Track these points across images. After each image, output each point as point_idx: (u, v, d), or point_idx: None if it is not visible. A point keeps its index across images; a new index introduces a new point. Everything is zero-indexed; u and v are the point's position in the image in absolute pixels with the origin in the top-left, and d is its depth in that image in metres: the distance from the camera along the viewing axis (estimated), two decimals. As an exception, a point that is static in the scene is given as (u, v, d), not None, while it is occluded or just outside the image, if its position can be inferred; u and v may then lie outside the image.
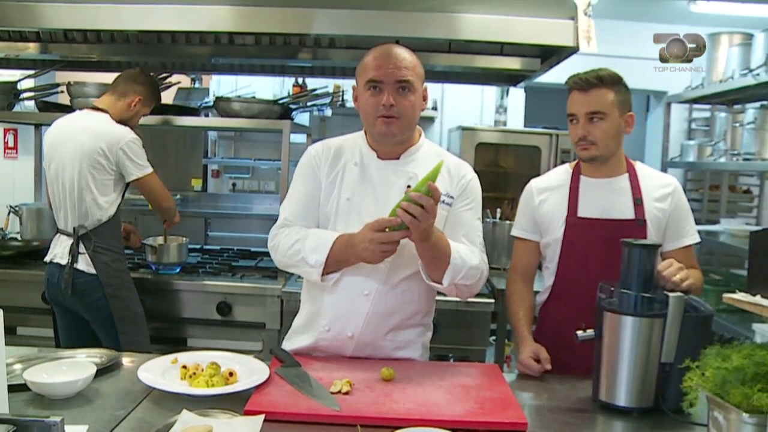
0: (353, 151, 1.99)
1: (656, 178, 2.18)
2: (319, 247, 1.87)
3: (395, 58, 1.86)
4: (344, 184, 1.95)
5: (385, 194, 1.92)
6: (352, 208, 1.93)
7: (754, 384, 1.29)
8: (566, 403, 1.79)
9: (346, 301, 1.92)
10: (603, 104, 2.05)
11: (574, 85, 2.10)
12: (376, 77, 1.85)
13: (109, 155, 2.73)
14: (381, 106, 1.85)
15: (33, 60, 3.62)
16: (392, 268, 1.91)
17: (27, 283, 3.10)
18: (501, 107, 5.43)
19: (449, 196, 1.96)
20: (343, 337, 1.93)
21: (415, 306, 1.98)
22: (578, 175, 2.19)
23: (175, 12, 2.66)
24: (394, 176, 1.95)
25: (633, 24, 5.69)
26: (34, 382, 1.58)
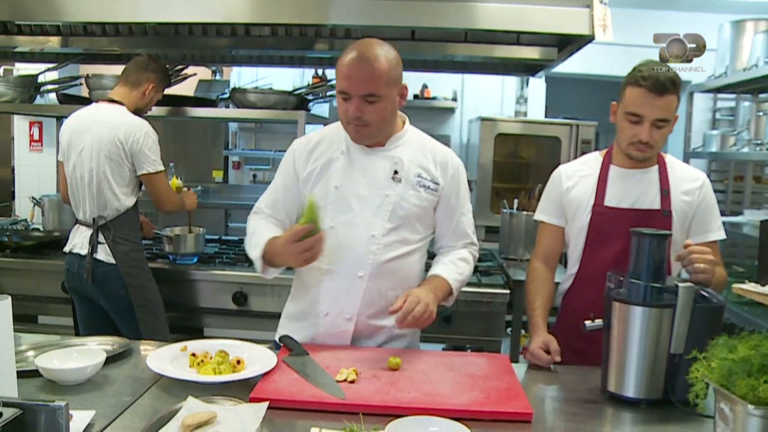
0: (339, 141, 2.03)
1: (685, 172, 2.15)
2: (256, 245, 1.97)
3: (363, 71, 1.84)
4: (332, 173, 1.99)
5: (373, 180, 1.98)
6: (341, 195, 1.98)
7: (760, 375, 1.26)
8: (575, 393, 1.78)
9: (342, 284, 1.97)
10: (671, 110, 1.99)
11: (651, 85, 1.94)
12: (344, 89, 1.87)
13: (126, 147, 2.76)
14: (347, 115, 1.89)
15: (56, 54, 3.68)
16: (383, 250, 1.96)
17: (48, 273, 3.16)
18: (521, 98, 5.40)
19: (434, 182, 2.01)
20: (341, 320, 1.97)
21: (406, 284, 2.01)
22: (608, 164, 2.17)
23: (192, 4, 2.69)
24: (381, 162, 1.99)
25: (656, 12, 5.59)
26: (45, 368, 1.62)
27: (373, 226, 1.96)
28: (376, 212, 1.96)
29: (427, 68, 3.94)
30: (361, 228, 1.96)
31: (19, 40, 3.26)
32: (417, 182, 1.99)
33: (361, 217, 1.96)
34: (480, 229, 5.25)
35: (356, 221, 1.96)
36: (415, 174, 1.99)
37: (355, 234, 1.96)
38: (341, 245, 1.95)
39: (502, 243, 3.70)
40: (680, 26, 3.90)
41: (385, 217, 1.96)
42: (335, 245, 1.95)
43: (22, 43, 3.31)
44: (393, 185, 1.97)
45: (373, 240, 1.95)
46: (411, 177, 1.98)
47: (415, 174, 1.99)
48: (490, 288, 2.98)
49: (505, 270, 3.32)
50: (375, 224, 1.96)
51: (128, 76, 2.92)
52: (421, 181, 1.99)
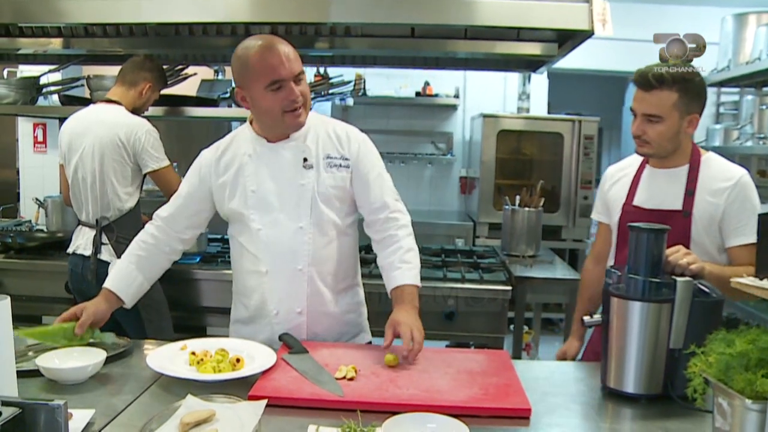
0: (244, 145, 2.03)
1: (720, 171, 2.07)
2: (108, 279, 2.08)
3: (290, 53, 1.87)
4: (246, 179, 2.00)
5: (285, 174, 1.99)
6: (259, 197, 1.99)
7: (758, 370, 1.26)
8: (575, 389, 1.78)
9: (284, 281, 1.99)
10: (661, 107, 1.99)
11: (637, 81, 2.03)
12: (278, 77, 1.85)
13: (127, 146, 2.77)
14: (287, 102, 1.88)
15: (58, 56, 3.69)
16: (315, 239, 1.99)
17: (52, 273, 3.16)
18: (523, 94, 5.40)
19: (344, 158, 2.02)
20: (293, 315, 1.99)
21: (345, 266, 2.08)
22: (644, 164, 2.20)
23: (192, 3, 2.69)
24: (290, 153, 1.99)
25: (659, 6, 5.58)
26: (45, 367, 1.63)
27: (297, 219, 1.97)
28: (297, 204, 1.97)
29: (428, 65, 3.94)
30: (286, 223, 1.97)
31: (21, 42, 3.27)
32: (328, 164, 2.00)
33: (284, 213, 1.98)
34: (483, 226, 5.26)
35: (280, 218, 1.98)
36: (324, 156, 2.00)
37: (283, 230, 1.97)
38: (274, 244, 1.97)
39: (504, 240, 3.70)
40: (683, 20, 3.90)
41: (307, 206, 1.97)
42: (268, 246, 1.97)
43: (24, 45, 3.31)
44: (305, 173, 1.98)
45: (302, 231, 1.97)
46: (321, 160, 1.99)
47: (324, 156, 2.00)
48: (492, 285, 2.98)
49: (507, 267, 3.31)
50: (299, 216, 1.97)
51: (125, 76, 2.93)
52: (331, 161, 2.00)
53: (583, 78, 6.46)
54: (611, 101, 7.74)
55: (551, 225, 4.99)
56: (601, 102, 7.49)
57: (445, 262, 3.31)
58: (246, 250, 2.03)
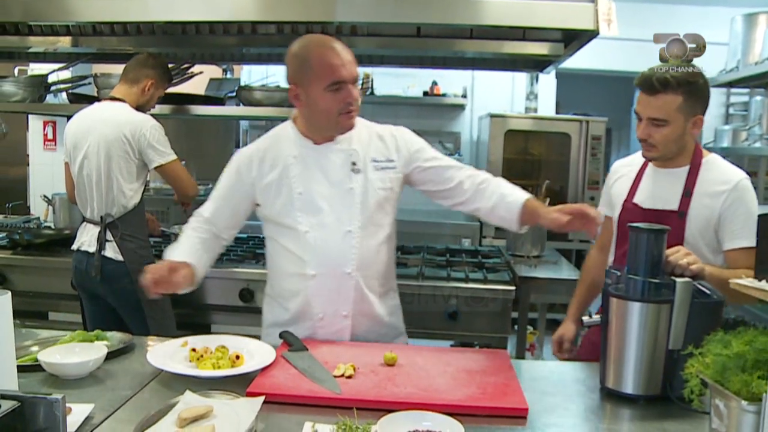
0: (288, 146, 2.01)
1: (720, 173, 2.07)
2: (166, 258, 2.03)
3: (350, 56, 1.89)
4: (292, 180, 1.98)
5: (333, 178, 1.98)
6: (307, 199, 1.97)
7: (754, 371, 1.26)
8: (574, 389, 1.78)
9: (332, 284, 1.98)
10: (666, 111, 1.99)
11: (641, 85, 2.03)
12: (340, 78, 1.86)
13: (132, 143, 2.79)
14: (344, 104, 1.88)
15: (68, 54, 3.72)
16: (363, 242, 1.98)
17: (58, 270, 3.19)
18: (531, 94, 5.39)
19: (389, 160, 2.02)
20: (338, 319, 1.98)
21: (388, 269, 2.09)
22: (648, 162, 2.20)
23: (199, 2, 2.70)
24: (336, 156, 1.99)
25: (668, 6, 5.55)
26: (47, 362, 1.64)
27: (346, 222, 1.97)
28: (346, 208, 1.97)
29: (435, 65, 3.94)
30: (335, 227, 1.97)
31: (31, 40, 3.30)
32: (374, 167, 2.00)
33: (333, 216, 1.97)
34: (489, 226, 5.25)
35: (328, 221, 1.97)
36: (371, 159, 2.00)
37: (331, 233, 1.97)
38: (321, 247, 1.96)
39: (509, 240, 3.69)
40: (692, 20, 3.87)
41: (356, 209, 1.97)
42: (315, 249, 1.96)
43: (34, 44, 3.34)
44: (354, 177, 1.98)
45: (351, 235, 1.97)
46: (368, 164, 1.99)
47: (371, 159, 2.00)
48: (496, 285, 2.97)
49: (511, 267, 3.31)
50: (348, 220, 1.97)
51: (128, 74, 2.95)
52: (377, 164, 2.00)
53: (592, 78, 6.44)
54: (620, 101, 7.71)
55: (560, 225, 4.96)
56: (610, 102, 7.45)
57: (449, 262, 3.31)
58: (289, 252, 2.01)
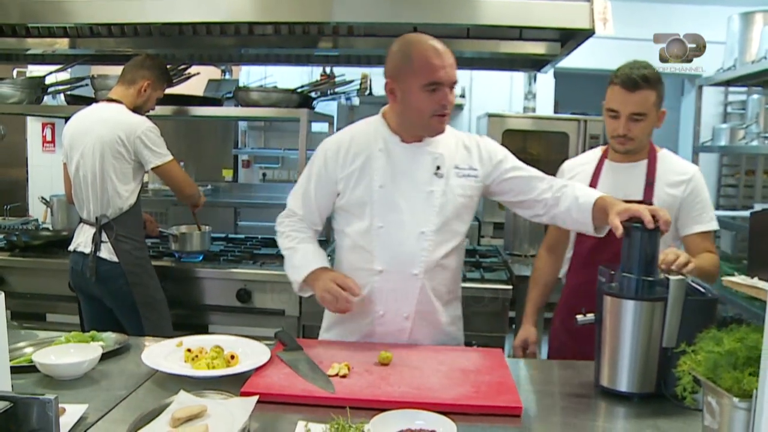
0: (375, 138, 2.00)
1: (676, 165, 2.25)
2: (299, 269, 2.00)
3: (448, 59, 1.89)
4: (374, 172, 1.97)
5: (416, 176, 1.97)
6: (386, 194, 1.96)
7: (745, 368, 1.25)
8: (568, 388, 1.77)
9: (397, 283, 1.96)
10: (646, 106, 2.12)
11: (622, 82, 2.13)
12: (438, 79, 1.86)
13: (127, 144, 2.79)
14: (438, 105, 1.89)
15: (66, 56, 3.72)
16: (435, 247, 1.97)
17: (56, 271, 3.19)
18: (529, 93, 5.39)
19: (472, 168, 2.01)
20: (399, 319, 1.97)
21: (455, 277, 2.08)
22: (603, 159, 2.32)
23: (195, 3, 2.70)
24: (422, 157, 1.98)
25: (665, 6, 5.56)
26: (41, 363, 1.65)
27: (422, 224, 1.96)
28: (424, 209, 1.96)
29: (433, 65, 3.93)
30: (410, 226, 1.95)
31: (29, 42, 3.30)
32: (456, 173, 1.99)
33: (409, 215, 1.96)
34: (487, 226, 5.25)
35: (404, 219, 1.95)
36: (453, 166, 2.00)
37: (405, 232, 1.95)
38: (393, 245, 1.95)
39: (507, 239, 3.70)
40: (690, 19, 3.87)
41: (433, 212, 1.96)
42: (386, 245, 1.95)
43: (31, 46, 3.35)
44: (436, 181, 1.97)
45: (424, 237, 1.95)
46: (451, 170, 1.99)
47: (453, 166, 2.00)
48: (493, 284, 2.98)
49: (508, 266, 3.31)
50: (424, 221, 1.96)
51: (125, 75, 2.95)
52: (459, 171, 2.00)
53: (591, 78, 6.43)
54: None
55: (556, 225, 4.96)
56: (608, 102, 7.44)
57: (447, 261, 3.31)
58: (358, 246, 2.00)
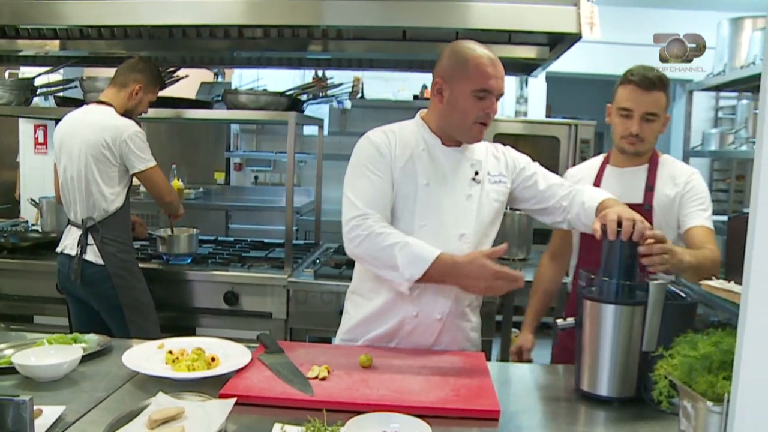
0: (416, 138, 2.02)
1: (676, 169, 2.27)
2: (417, 261, 1.82)
3: (500, 70, 1.92)
4: (419, 169, 1.97)
5: (456, 180, 1.99)
6: (430, 193, 1.97)
7: (720, 372, 1.26)
8: (549, 392, 1.78)
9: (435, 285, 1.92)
10: (659, 106, 2.15)
11: (638, 81, 2.14)
12: (489, 87, 1.89)
13: (113, 148, 2.79)
14: (483, 113, 1.91)
15: (57, 57, 3.72)
16: (473, 248, 1.96)
17: (43, 273, 3.19)
18: (521, 98, 5.39)
19: (502, 175, 2.06)
20: (431, 320, 1.96)
21: None
22: (605, 165, 2.34)
23: (185, 6, 2.70)
24: (461, 163, 2.01)
25: (656, 11, 5.59)
26: (21, 365, 1.64)
27: (461, 226, 1.96)
28: (464, 212, 1.97)
29: (424, 68, 3.96)
30: (451, 227, 1.96)
31: (19, 44, 3.30)
32: (490, 179, 2.03)
33: (450, 216, 1.96)
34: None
35: (446, 220, 1.96)
36: (487, 172, 2.03)
37: (447, 233, 1.95)
38: (435, 244, 1.90)
39: (495, 242, 3.68)
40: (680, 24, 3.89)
41: (473, 216, 1.97)
42: (428, 243, 1.90)
43: (22, 47, 3.35)
44: (473, 186, 1.99)
45: (464, 239, 1.96)
46: (485, 176, 2.02)
47: (487, 172, 2.03)
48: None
49: (496, 270, 3.31)
50: (464, 224, 1.97)
51: (117, 78, 2.95)
52: (492, 178, 2.03)
53: (584, 82, 6.46)
54: (610, 105, 7.71)
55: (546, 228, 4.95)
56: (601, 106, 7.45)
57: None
58: None
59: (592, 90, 7.56)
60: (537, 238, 3.86)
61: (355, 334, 2.04)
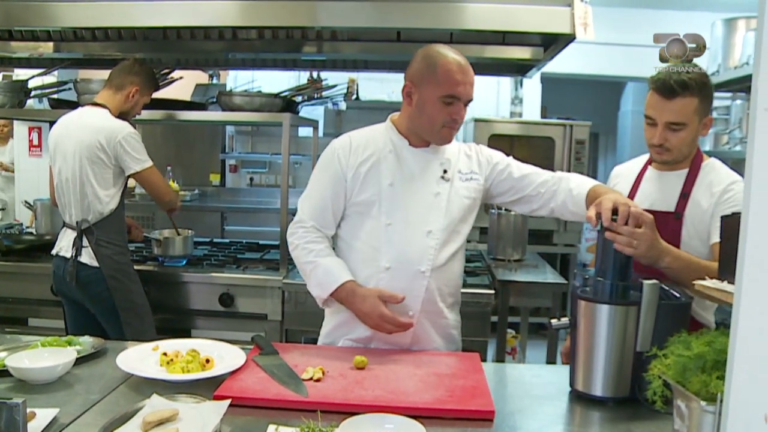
0: (384, 141, 2.05)
1: (718, 176, 2.05)
2: (324, 284, 1.96)
3: (470, 77, 1.94)
4: (384, 171, 2.00)
5: (424, 179, 2.01)
6: (395, 193, 1.99)
7: (713, 371, 1.26)
8: (544, 392, 1.78)
9: (404, 281, 1.97)
10: (685, 114, 1.96)
11: (657, 88, 1.98)
12: (457, 94, 1.91)
13: (107, 150, 2.78)
14: (450, 118, 1.93)
15: (52, 59, 3.71)
16: (441, 245, 1.99)
17: (38, 276, 3.19)
18: (516, 98, 5.40)
19: (473, 172, 2.07)
20: (404, 318, 1.95)
21: (457, 279, 2.11)
22: (647, 166, 2.20)
23: (179, 8, 2.70)
24: (429, 162, 2.03)
25: (651, 12, 5.60)
26: (15, 367, 1.63)
27: (429, 223, 1.99)
28: (431, 209, 1.99)
29: (419, 70, 3.94)
30: (417, 224, 1.98)
31: (13, 46, 3.30)
32: (460, 177, 2.04)
33: (417, 213, 1.99)
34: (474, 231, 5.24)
35: (412, 218, 1.98)
36: (458, 170, 2.05)
37: (413, 230, 1.98)
38: (401, 242, 1.97)
39: (491, 243, 3.70)
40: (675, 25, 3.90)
41: (440, 213, 1.99)
42: (393, 242, 1.97)
43: (16, 49, 3.34)
44: (442, 184, 2.02)
45: (431, 236, 1.98)
46: (455, 174, 2.04)
47: (458, 170, 2.05)
48: (476, 288, 2.98)
49: (491, 270, 3.32)
50: (431, 221, 1.99)
51: (112, 80, 2.94)
52: (463, 176, 2.05)
53: (579, 83, 6.49)
54: (607, 106, 7.75)
55: (542, 229, 4.99)
56: (597, 107, 7.50)
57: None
58: (365, 245, 2.01)
59: (587, 90, 7.61)
60: (532, 239, 3.88)
61: (333, 337, 2.08)
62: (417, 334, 2.01)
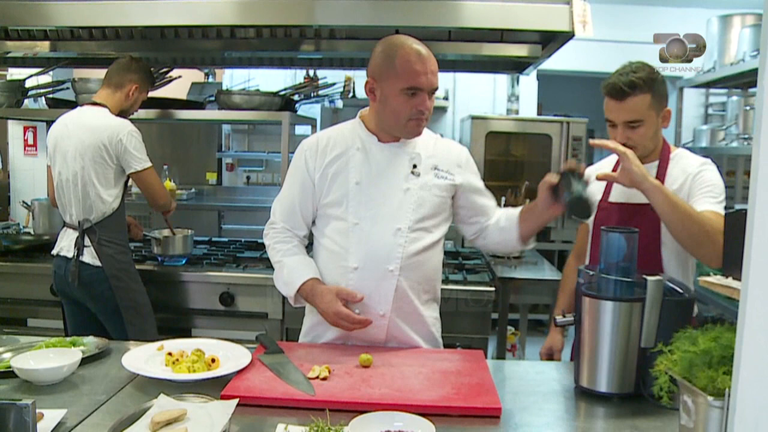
0: (352, 138, 2.02)
1: (689, 161, 2.12)
2: (289, 283, 2.00)
3: (433, 65, 1.90)
4: (350, 170, 1.99)
5: (392, 174, 1.99)
6: (362, 191, 1.97)
7: (720, 367, 1.27)
8: (550, 389, 1.79)
9: (373, 280, 1.95)
10: (640, 111, 2.03)
11: (609, 93, 2.07)
12: (418, 85, 1.88)
13: (110, 149, 2.77)
14: (416, 110, 1.91)
15: (47, 59, 3.70)
16: (411, 243, 1.97)
17: (37, 276, 3.17)
18: (513, 96, 5.41)
19: (449, 172, 2.04)
20: (375, 317, 1.95)
21: (432, 278, 2.08)
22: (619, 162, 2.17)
23: (176, 7, 2.70)
24: (398, 157, 2.00)
25: (646, 8, 5.62)
26: (20, 368, 1.63)
27: (398, 220, 1.96)
28: (400, 205, 1.97)
29: (416, 67, 3.94)
30: (386, 222, 1.96)
31: (8, 45, 3.28)
32: (435, 174, 2.02)
33: (385, 211, 1.97)
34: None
35: (380, 216, 1.96)
36: (431, 166, 2.02)
37: (382, 228, 1.96)
38: (368, 241, 1.95)
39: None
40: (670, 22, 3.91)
41: (410, 209, 1.97)
42: (361, 241, 1.95)
43: (11, 49, 3.32)
44: (412, 179, 1.99)
45: (400, 233, 1.96)
46: (429, 170, 2.01)
47: (431, 166, 2.02)
48: (476, 286, 2.99)
49: (491, 268, 3.33)
50: (400, 217, 1.96)
51: (111, 79, 2.93)
52: (438, 172, 2.02)
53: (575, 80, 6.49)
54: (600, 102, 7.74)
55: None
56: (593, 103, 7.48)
57: (430, 263, 3.32)
58: (334, 244, 2.00)
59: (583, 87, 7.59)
60: (533, 236, 3.88)
61: (312, 336, 2.08)
62: (391, 332, 1.99)
